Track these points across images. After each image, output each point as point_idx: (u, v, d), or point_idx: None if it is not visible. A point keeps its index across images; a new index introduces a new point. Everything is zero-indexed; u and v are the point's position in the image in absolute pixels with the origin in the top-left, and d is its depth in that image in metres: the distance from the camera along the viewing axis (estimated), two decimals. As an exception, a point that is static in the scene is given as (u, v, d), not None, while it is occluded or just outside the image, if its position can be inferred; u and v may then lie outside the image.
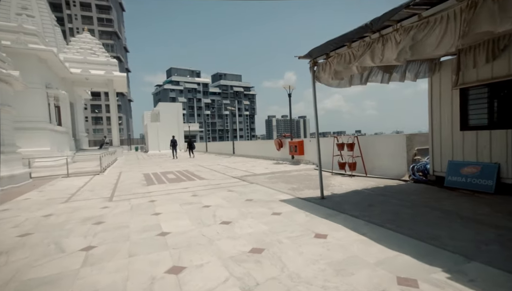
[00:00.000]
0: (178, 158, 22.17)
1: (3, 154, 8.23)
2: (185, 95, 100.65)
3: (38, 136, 16.86)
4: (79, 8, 67.74)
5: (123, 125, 72.56)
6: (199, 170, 11.34)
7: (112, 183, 8.51)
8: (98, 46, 24.89)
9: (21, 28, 16.57)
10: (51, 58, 17.86)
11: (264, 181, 7.52)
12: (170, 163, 15.60)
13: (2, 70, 7.96)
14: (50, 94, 18.44)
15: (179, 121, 35.45)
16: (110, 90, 24.53)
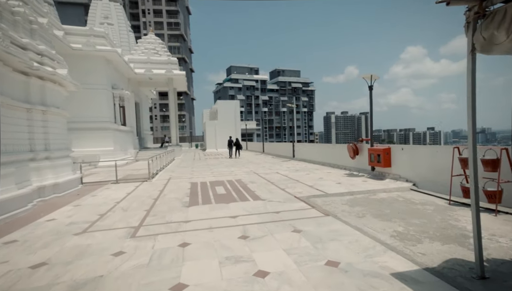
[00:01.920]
0: (236, 158, 21.38)
1: (49, 160, 7.65)
2: (244, 93, 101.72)
3: (103, 136, 17.35)
4: (153, 15, 73.37)
5: (186, 123, 76.54)
6: (254, 181, 9.51)
7: (153, 197, 7.24)
8: (161, 46, 25.36)
9: (91, 31, 17.18)
10: (116, 59, 18.27)
11: (344, 211, 5.21)
12: (224, 168, 14.24)
13: (47, 68, 7.34)
14: (115, 95, 18.99)
15: (236, 119, 34.70)
16: (170, 88, 24.73)
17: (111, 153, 17.24)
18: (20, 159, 6.52)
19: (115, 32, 28.37)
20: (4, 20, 6.65)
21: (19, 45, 6.87)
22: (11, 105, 6.37)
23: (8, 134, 6.12)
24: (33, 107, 7.19)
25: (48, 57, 7.89)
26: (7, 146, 6.02)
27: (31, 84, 7.22)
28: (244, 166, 14.54)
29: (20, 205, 5.83)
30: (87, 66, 17.08)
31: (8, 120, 6.25)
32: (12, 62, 6.19)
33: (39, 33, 7.85)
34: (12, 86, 6.50)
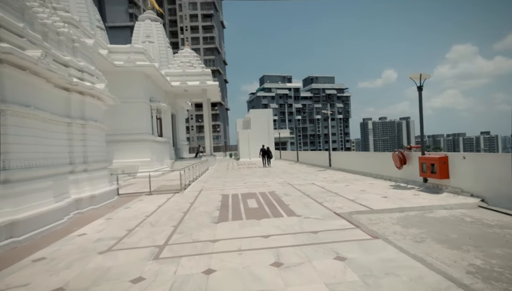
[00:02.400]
0: (267, 167, 21.07)
1: (87, 173, 7.85)
2: (277, 101, 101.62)
3: (141, 147, 18.00)
4: (190, 32, 77.22)
5: (221, 133, 78.19)
6: (289, 193, 8.89)
7: (182, 210, 6.99)
8: (195, 59, 26.14)
9: (131, 48, 18.15)
10: (153, 73, 19.06)
11: (397, 233, 4.39)
12: (257, 178, 13.79)
13: (85, 83, 7.62)
14: (153, 107, 19.74)
15: (269, 128, 34.31)
16: (204, 99, 25.22)
17: (148, 164, 17.79)
18: (59, 172, 6.70)
19: (155, 49, 30.06)
20: (49, 39, 7.02)
21: (61, 63, 7.21)
22: (52, 120, 6.61)
23: (49, 148, 6.32)
24: (73, 121, 7.46)
25: (88, 73, 8.21)
26: (48, 160, 6.21)
27: (72, 99, 7.51)
28: (278, 177, 13.95)
29: (57, 218, 5.90)
30: (128, 81, 18.03)
31: (50, 134, 6.47)
32: (54, 79, 6.44)
33: (81, 51, 8.23)
34: (54, 102, 6.77)
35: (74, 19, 14.27)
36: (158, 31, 30.05)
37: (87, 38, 14.60)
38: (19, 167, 5.23)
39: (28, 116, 5.49)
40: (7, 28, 5.12)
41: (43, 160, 6.01)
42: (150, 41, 29.46)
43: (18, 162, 5.23)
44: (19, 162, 5.26)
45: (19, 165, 5.24)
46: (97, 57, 15.28)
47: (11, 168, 5.05)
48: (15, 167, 5.14)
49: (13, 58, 5.00)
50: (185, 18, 78.07)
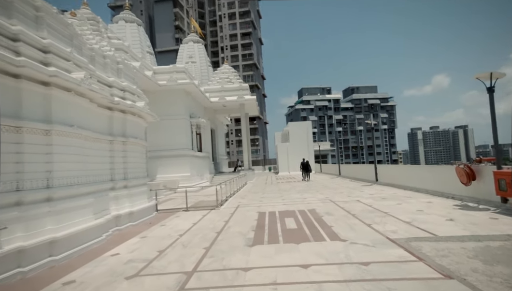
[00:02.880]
0: (307, 181, 20.43)
1: (126, 189, 8.02)
2: (316, 113, 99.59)
3: (181, 163, 18.48)
4: (230, 50, 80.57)
5: (260, 146, 78.52)
6: (331, 212, 8.08)
7: (216, 230, 6.65)
8: (233, 74, 26.73)
9: (174, 68, 19.11)
10: (193, 90, 19.78)
11: (478, 271, 3.45)
12: (296, 194, 13.06)
13: (126, 102, 7.91)
14: (193, 123, 20.36)
15: (308, 140, 33.29)
16: (241, 113, 25.45)
17: (188, 179, 18.14)
18: (100, 189, 6.89)
19: (197, 68, 31.62)
20: (96, 62, 7.46)
21: (105, 83, 7.58)
22: (95, 138, 6.88)
23: (90, 165, 6.54)
24: (115, 138, 7.72)
25: (129, 92, 8.55)
26: (89, 177, 6.40)
27: (114, 117, 7.82)
28: (319, 192, 13.07)
29: (96, 236, 5.96)
30: (170, 99, 18.91)
31: (92, 152, 6.72)
32: (97, 99, 6.74)
33: (124, 72, 8.65)
34: (97, 120, 7.08)
35: (124, 45, 15.50)
36: (200, 52, 31.60)
37: (134, 61, 15.71)
38: (61, 185, 5.39)
39: (71, 135, 5.72)
40: (55, 53, 5.45)
41: (85, 178, 6.20)
42: (192, 61, 31.05)
43: (61, 180, 5.40)
44: (62, 180, 5.43)
45: (61, 183, 5.41)
46: (142, 77, 16.28)
47: (54, 186, 5.22)
48: (58, 185, 5.31)
49: (59, 81, 5.26)
50: (225, 38, 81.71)
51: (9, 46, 4.69)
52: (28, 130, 4.86)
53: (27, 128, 4.83)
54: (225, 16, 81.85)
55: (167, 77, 18.68)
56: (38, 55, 5.13)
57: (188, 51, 31.46)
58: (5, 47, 4.59)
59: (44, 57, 5.23)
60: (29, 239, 4.52)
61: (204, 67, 32.70)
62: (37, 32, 5.34)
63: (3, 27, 4.58)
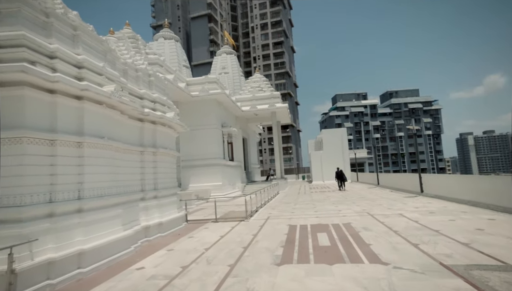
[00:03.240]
0: (342, 191, 19.59)
1: (156, 199, 8.09)
2: (351, 120, 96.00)
3: (213, 172, 18.60)
4: (262, 60, 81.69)
5: (293, 155, 77.40)
6: (369, 227, 7.33)
7: (243, 244, 6.33)
8: (265, 83, 26.71)
9: (206, 79, 19.55)
10: (224, 99, 20.01)
11: None
12: (330, 205, 12.30)
13: (156, 113, 8.06)
14: (224, 132, 20.53)
15: (343, 148, 31.85)
16: (273, 121, 25.17)
17: (220, 188, 18.17)
18: (130, 199, 6.99)
19: (230, 78, 32.32)
20: (128, 75, 7.74)
21: (137, 95, 7.81)
22: (125, 149, 7.04)
23: (120, 176, 6.67)
24: (145, 149, 7.86)
25: (160, 103, 8.73)
26: (119, 188, 6.52)
27: (144, 128, 7.99)
28: (355, 204, 12.17)
29: (124, 248, 5.98)
30: (202, 109, 19.32)
31: (122, 163, 6.87)
32: (127, 110, 6.92)
33: (155, 84, 8.88)
34: (127, 131, 7.26)
35: (160, 59, 16.21)
36: (233, 62, 32.26)
37: (168, 74, 16.33)
38: (92, 196, 5.51)
39: (102, 146, 5.86)
40: (88, 68, 5.67)
41: (115, 188, 6.30)
42: (225, 72, 31.79)
43: (91, 191, 5.52)
44: (92, 191, 5.55)
45: (92, 194, 5.52)
46: (176, 89, 16.83)
47: (84, 197, 5.33)
48: (88, 196, 5.42)
49: (90, 94, 5.43)
50: (257, 48, 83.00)
51: (47, 63, 4.94)
52: (61, 142, 5.04)
53: (60, 140, 5.02)
54: (257, 27, 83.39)
55: (200, 88, 19.13)
56: (72, 70, 5.36)
57: (221, 63, 32.28)
58: (43, 64, 4.84)
59: (78, 72, 5.46)
60: (59, 251, 4.61)
61: (236, 77, 33.28)
62: (74, 49, 5.61)
63: (41, 46, 4.84)
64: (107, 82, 6.13)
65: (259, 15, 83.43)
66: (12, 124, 4.43)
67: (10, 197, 4.33)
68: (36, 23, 4.97)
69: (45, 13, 5.15)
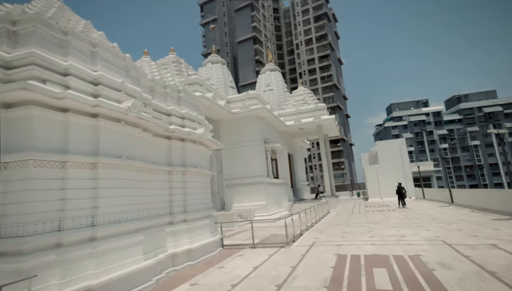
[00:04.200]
0: (405, 209, 17.46)
1: (185, 223, 7.45)
2: (411, 130, 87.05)
3: (256, 190, 17.74)
4: (308, 75, 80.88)
5: (346, 170, 72.75)
6: (448, 262, 5.48)
7: (278, 281, 5.14)
8: (309, 96, 25.51)
9: (246, 95, 19.26)
10: (266, 114, 19.35)
11: None
12: (389, 228, 10.26)
13: (183, 129, 7.60)
14: (267, 149, 19.71)
15: (403, 161, 28.22)
16: (319, 135, 23.55)
17: (264, 208, 17.14)
18: (155, 224, 6.43)
19: (274, 95, 31.99)
20: (155, 92, 7.50)
21: (163, 112, 7.47)
22: (149, 169, 6.60)
23: (142, 199, 6.18)
24: (173, 168, 7.38)
25: (189, 119, 8.31)
26: (141, 212, 6.02)
27: (172, 146, 7.56)
28: (423, 228, 9.93)
29: (144, 280, 5.30)
30: (243, 125, 18.92)
31: (145, 184, 6.41)
32: (151, 128, 6.54)
33: (185, 99, 8.55)
34: (153, 150, 6.87)
35: (199, 79, 16.41)
36: (277, 79, 31.97)
37: (208, 93, 16.40)
38: (107, 222, 5.02)
39: (120, 167, 5.45)
40: (105, 84, 5.41)
41: (136, 212, 5.79)
42: (269, 89, 31.61)
43: (106, 216, 5.05)
44: (108, 217, 5.07)
45: (107, 220, 5.04)
46: (216, 107, 16.76)
47: (98, 224, 4.86)
48: (103, 223, 4.95)
49: (103, 110, 5.10)
50: (303, 64, 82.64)
51: (60, 81, 4.76)
52: (73, 164, 4.71)
53: (72, 162, 4.69)
54: (301, 43, 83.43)
55: (240, 105, 18.86)
56: (88, 87, 5.12)
57: (265, 80, 32.24)
58: (54, 82, 4.66)
59: (95, 89, 5.20)
60: (64, 288, 4.10)
61: (281, 93, 32.76)
62: (92, 66, 5.44)
63: (54, 63, 4.69)
64: (127, 98, 5.82)
65: (303, 31, 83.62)
66: (18, 146, 4.19)
67: (12, 226, 4.01)
68: (52, 42, 4.87)
69: (63, 32, 5.06)
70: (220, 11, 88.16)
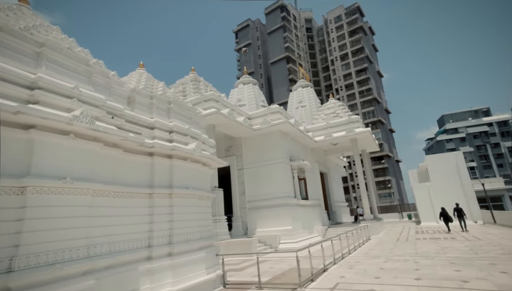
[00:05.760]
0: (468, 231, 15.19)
1: (170, 258, 6.10)
2: (470, 143, 77.03)
3: (281, 214, 15.86)
4: (345, 90, 77.93)
5: (393, 189, 66.02)
6: None
7: None
8: (341, 108, 23.36)
9: (268, 110, 17.99)
10: (290, 129, 17.75)
11: None
12: (446, 268, 7.67)
13: (163, 143, 6.45)
14: (293, 167, 17.90)
15: (462, 177, 23.87)
16: (354, 150, 21.00)
17: (290, 233, 15.11)
18: (121, 262, 5.19)
19: (307, 111, 30.41)
20: (135, 103, 6.60)
21: (144, 125, 6.47)
22: (120, 192, 5.50)
23: (106, 230, 5.03)
24: (155, 191, 6.20)
25: (179, 133, 7.20)
26: (97, 248, 4.81)
27: (155, 164, 6.43)
28: (495, 267, 7.21)
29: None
30: (267, 143, 17.51)
31: (114, 211, 5.29)
32: (119, 143, 5.50)
33: (176, 111, 7.53)
34: (126, 170, 5.79)
35: (215, 95, 15.64)
36: (309, 95, 30.49)
37: (224, 108, 15.48)
38: (30, 265, 3.86)
39: (60, 191, 4.37)
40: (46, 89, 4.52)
41: (83, 250, 4.57)
42: (302, 106, 30.18)
43: (34, 258, 3.90)
44: (37, 259, 3.92)
45: (34, 263, 3.89)
46: (235, 125, 15.73)
47: (19, 268, 3.73)
48: (25, 267, 3.80)
49: (37, 120, 4.13)
50: (339, 80, 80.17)
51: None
52: (-8, 186, 3.74)
53: (-10, 184, 3.72)
54: (337, 59, 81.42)
55: (261, 121, 17.61)
56: (21, 93, 4.27)
57: (297, 97, 30.94)
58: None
59: (30, 95, 4.33)
60: None
61: (314, 110, 30.99)
62: (34, 69, 4.64)
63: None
64: (82, 106, 4.87)
65: (337, 47, 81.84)
66: None
67: None
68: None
69: None
70: (253, 35, 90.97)
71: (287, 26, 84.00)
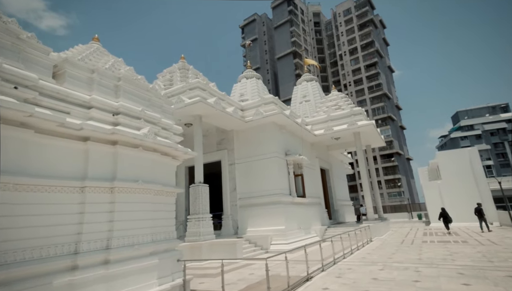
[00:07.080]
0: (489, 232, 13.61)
1: (105, 267, 4.97)
2: (487, 141, 73.44)
3: (273, 212, 14.59)
4: (353, 86, 75.66)
5: (403, 188, 63.65)
6: None
7: None
8: (343, 100, 21.80)
9: (261, 100, 16.71)
10: (286, 122, 16.45)
11: None
12: (451, 280, 6.25)
13: (97, 125, 5.27)
14: (289, 162, 16.58)
15: (476, 175, 21.98)
16: (357, 145, 19.46)
17: (283, 234, 13.85)
18: (45, 271, 4.10)
19: (311, 106, 28.97)
20: (65, 76, 5.46)
21: (78, 103, 5.34)
22: (37, 185, 4.38)
23: (3, 234, 3.92)
24: (87, 184, 5.06)
25: (129, 115, 6.04)
26: (16, 254, 3.71)
27: (90, 152, 5.28)
28: (519, 285, 5.75)
29: None
30: (260, 136, 16.27)
31: (31, 209, 4.19)
32: (30, 122, 4.38)
33: (126, 90, 6.36)
34: (42, 158, 4.66)
35: (201, 83, 14.32)
36: (314, 89, 29.07)
37: (211, 97, 14.25)
38: None
39: None
40: None
41: None
42: (306, 100, 28.81)
43: None
44: None
45: None
46: (225, 116, 14.53)
47: None
48: None
49: None
50: (347, 75, 77.95)
51: None
52: None
53: None
54: (345, 54, 79.11)
55: (255, 112, 16.35)
56: None
57: (301, 91, 29.54)
58: None
59: None
60: None
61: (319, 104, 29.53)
62: None
63: None
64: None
65: (346, 41, 79.43)
66: None
67: None
68: None
69: None
70: (260, 30, 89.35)
71: (294, 20, 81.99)
